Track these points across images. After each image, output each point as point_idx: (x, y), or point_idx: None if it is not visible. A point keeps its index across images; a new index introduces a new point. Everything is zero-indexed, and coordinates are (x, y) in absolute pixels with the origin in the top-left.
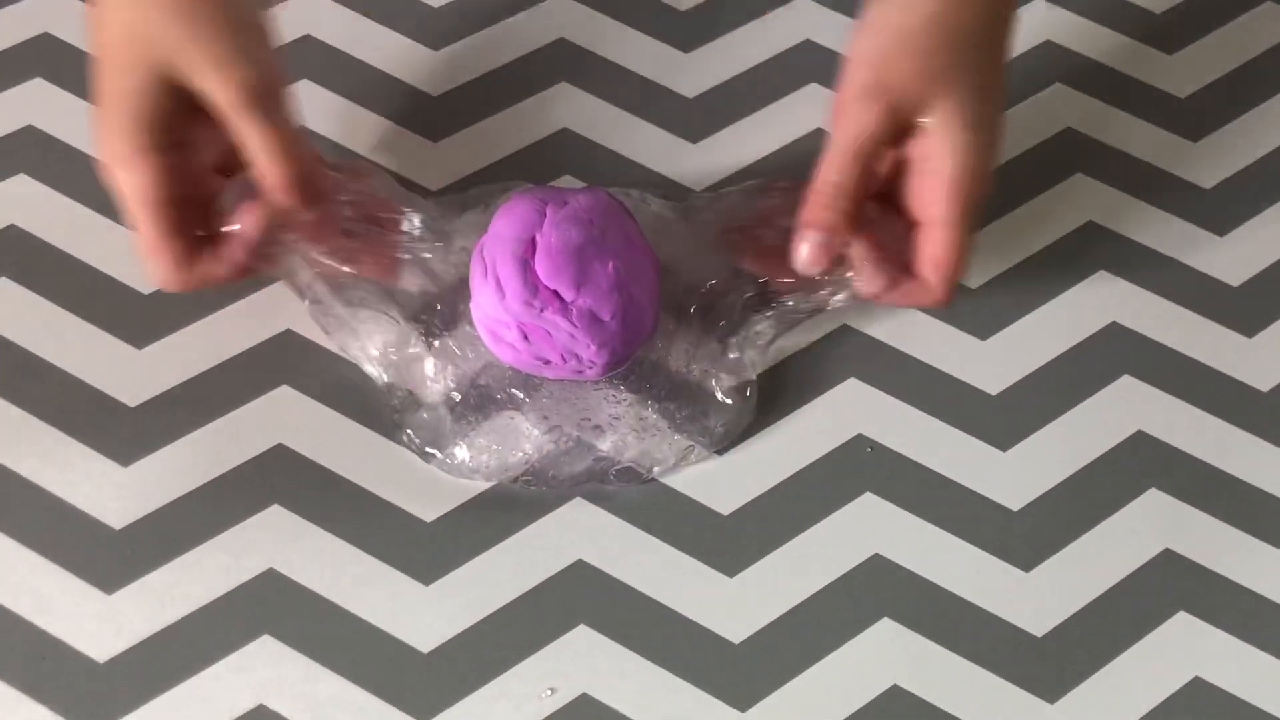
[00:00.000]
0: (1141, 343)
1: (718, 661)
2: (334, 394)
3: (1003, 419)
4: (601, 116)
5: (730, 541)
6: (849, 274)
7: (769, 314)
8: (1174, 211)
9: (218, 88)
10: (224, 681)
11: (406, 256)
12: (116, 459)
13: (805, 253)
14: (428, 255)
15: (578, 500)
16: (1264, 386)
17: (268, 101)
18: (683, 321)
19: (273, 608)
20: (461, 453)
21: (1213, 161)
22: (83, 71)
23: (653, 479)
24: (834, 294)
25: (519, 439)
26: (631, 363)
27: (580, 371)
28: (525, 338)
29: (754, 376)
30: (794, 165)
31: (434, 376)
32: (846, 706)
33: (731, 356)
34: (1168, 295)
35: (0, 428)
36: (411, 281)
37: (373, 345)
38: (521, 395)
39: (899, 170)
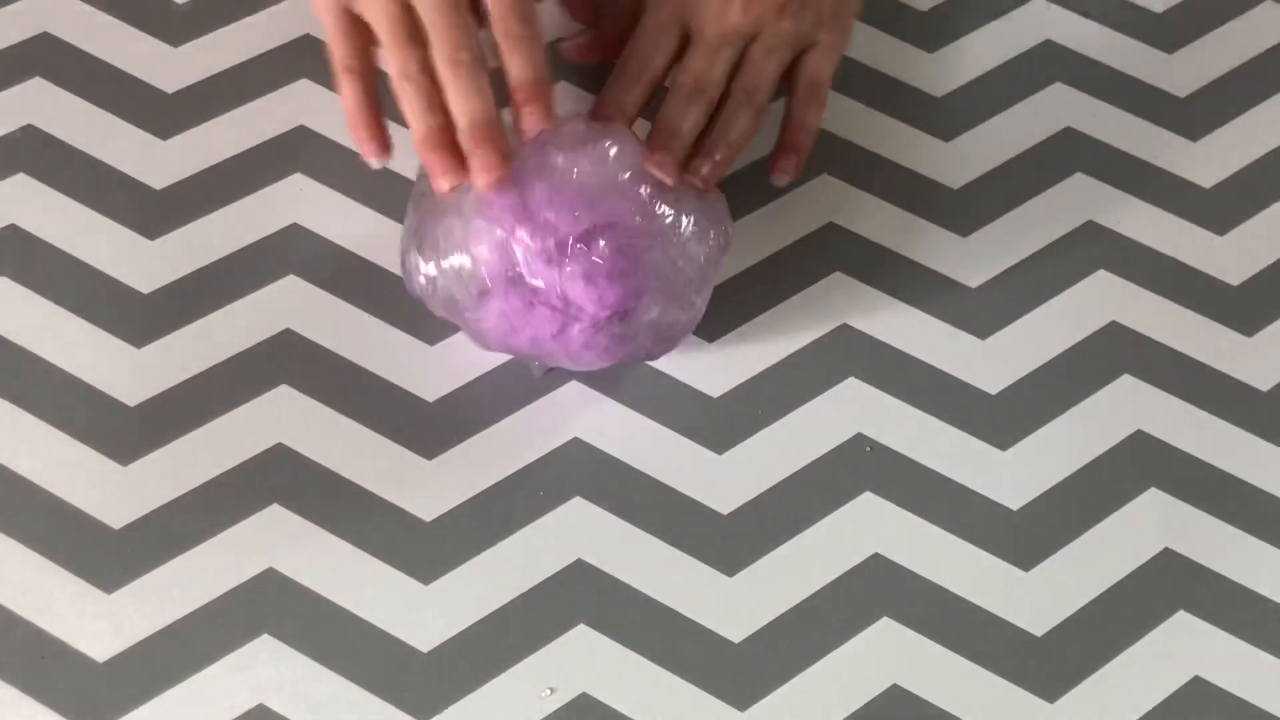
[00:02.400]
0: (1141, 342)
1: (717, 661)
2: (334, 393)
3: (1002, 418)
4: None
5: (730, 541)
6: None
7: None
8: (1174, 211)
9: None
10: (224, 681)
11: None
12: (116, 458)
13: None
14: None
15: (577, 499)
16: (1264, 386)
17: None
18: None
19: (272, 607)
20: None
21: (1212, 161)
22: (82, 70)
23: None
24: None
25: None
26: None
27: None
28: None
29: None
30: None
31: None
32: (846, 706)
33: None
34: (1167, 294)
35: (0, 427)
36: None
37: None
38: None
39: None
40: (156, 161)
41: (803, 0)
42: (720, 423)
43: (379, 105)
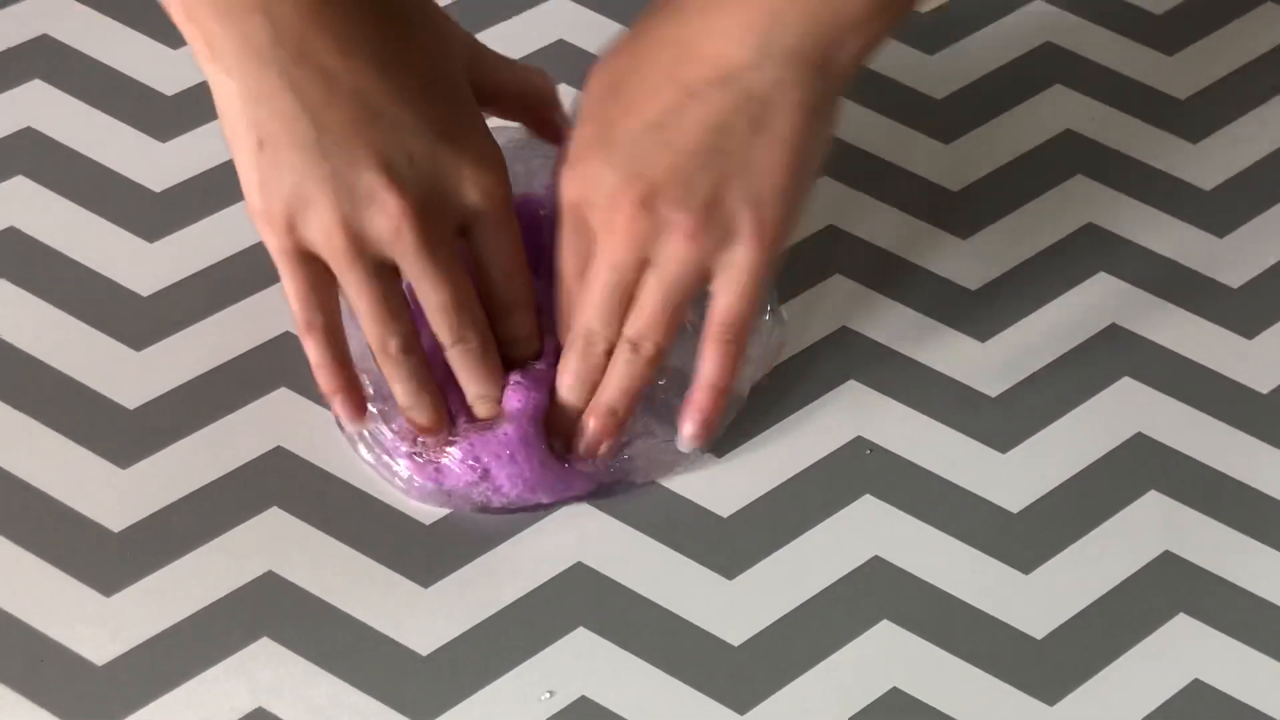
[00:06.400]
0: (1141, 344)
1: (717, 664)
2: None
3: (1002, 421)
4: None
5: (730, 544)
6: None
7: None
8: (1174, 213)
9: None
10: (223, 684)
11: None
12: (115, 461)
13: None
14: None
15: (577, 502)
16: (1264, 388)
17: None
18: None
19: (272, 610)
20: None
21: (1212, 163)
22: (81, 73)
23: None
24: None
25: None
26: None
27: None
28: None
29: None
30: None
31: None
32: (846, 709)
33: None
34: (1167, 297)
35: None
36: None
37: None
38: None
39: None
40: (156, 164)
41: (715, 203)
42: (720, 426)
43: (349, 361)
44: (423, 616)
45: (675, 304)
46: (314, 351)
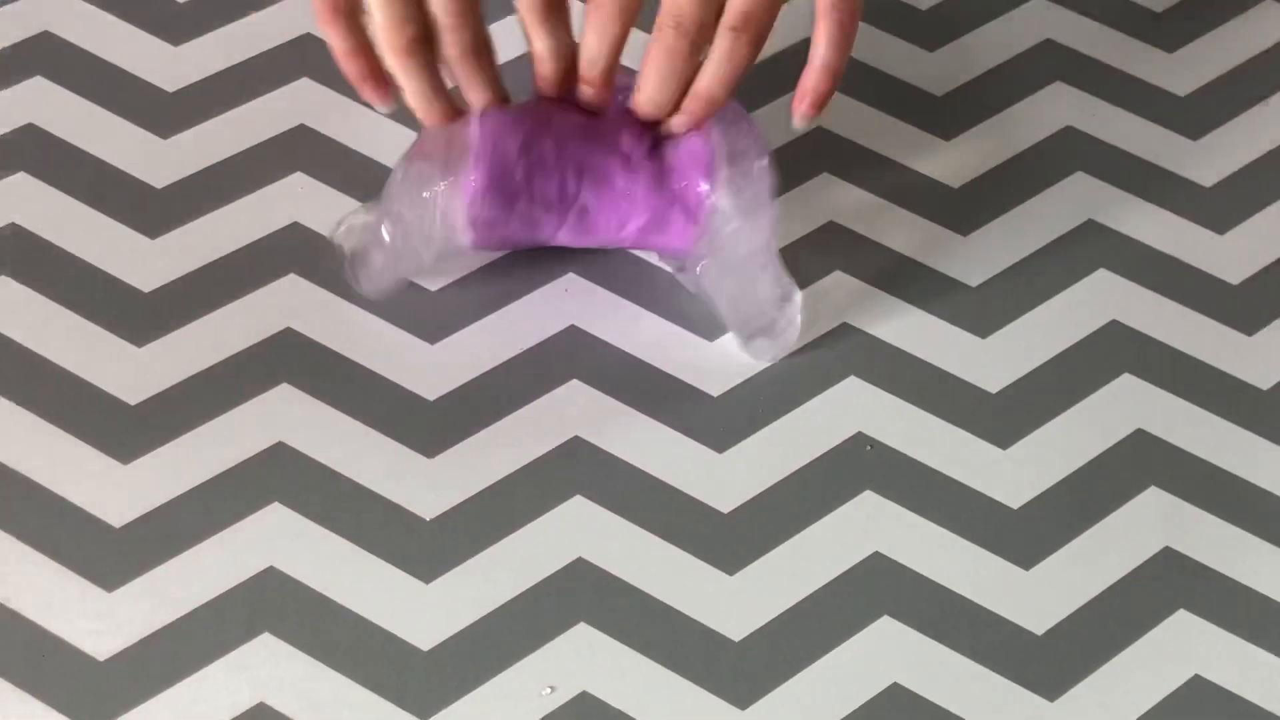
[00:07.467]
0: (1141, 341)
1: (718, 659)
2: (334, 392)
3: (1003, 417)
4: None
5: (730, 539)
6: None
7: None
8: (1174, 209)
9: None
10: (224, 679)
11: None
12: (117, 457)
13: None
14: None
15: (578, 498)
16: (1264, 385)
17: None
18: None
19: (273, 605)
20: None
21: (1212, 159)
22: (83, 70)
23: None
24: None
25: None
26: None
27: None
28: None
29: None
30: (800, 161)
31: None
32: (846, 705)
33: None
34: (1167, 293)
35: (1, 426)
36: None
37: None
38: None
39: None
40: (157, 160)
41: None
42: (720, 421)
43: (371, 48)
44: (424, 612)
45: None
46: (337, 41)
